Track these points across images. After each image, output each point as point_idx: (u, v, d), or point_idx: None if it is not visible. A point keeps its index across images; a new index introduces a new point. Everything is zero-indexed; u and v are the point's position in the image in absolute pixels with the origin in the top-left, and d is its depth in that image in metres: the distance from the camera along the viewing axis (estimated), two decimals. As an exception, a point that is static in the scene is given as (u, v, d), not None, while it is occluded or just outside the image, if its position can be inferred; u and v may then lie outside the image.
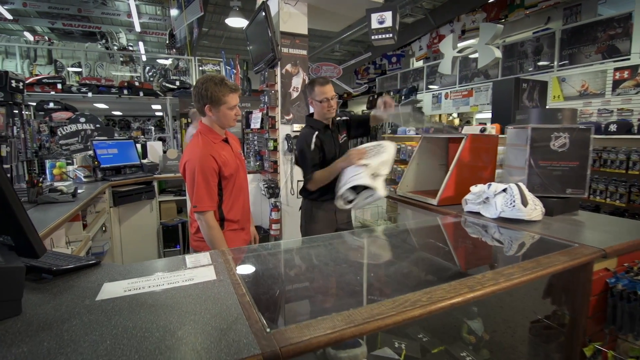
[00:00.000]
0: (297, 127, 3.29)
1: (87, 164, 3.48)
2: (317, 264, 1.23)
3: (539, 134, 1.63)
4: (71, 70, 8.57)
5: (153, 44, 13.07)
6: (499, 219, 1.56)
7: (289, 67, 3.26)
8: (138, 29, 10.54)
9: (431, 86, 9.05)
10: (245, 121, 4.37)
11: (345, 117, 2.30)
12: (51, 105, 6.65)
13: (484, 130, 2.12)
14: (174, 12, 7.99)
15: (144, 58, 10.36)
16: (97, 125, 3.95)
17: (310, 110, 2.22)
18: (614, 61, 5.40)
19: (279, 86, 3.28)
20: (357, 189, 1.88)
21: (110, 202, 3.29)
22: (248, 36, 3.78)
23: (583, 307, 1.23)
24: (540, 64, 6.41)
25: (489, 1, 7.37)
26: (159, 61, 10.52)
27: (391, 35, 3.23)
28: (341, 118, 2.28)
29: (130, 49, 10.85)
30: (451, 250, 1.46)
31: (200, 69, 8.10)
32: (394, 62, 10.95)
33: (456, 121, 9.12)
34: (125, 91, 6.95)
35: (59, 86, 6.60)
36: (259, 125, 3.68)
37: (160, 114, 11.12)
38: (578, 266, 1.14)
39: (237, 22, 6.48)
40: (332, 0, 3.37)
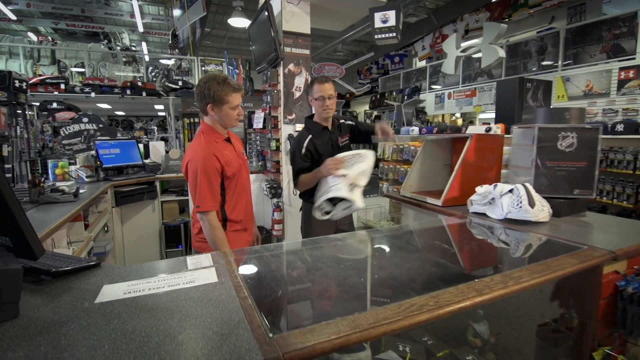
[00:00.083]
0: (299, 127, 3.27)
1: (90, 164, 3.48)
2: (320, 266, 1.20)
3: (546, 134, 1.60)
4: (74, 70, 8.58)
5: (156, 44, 13.12)
6: (505, 220, 1.54)
7: (291, 66, 3.24)
8: (141, 29, 10.58)
9: (434, 86, 9.02)
10: (248, 121, 4.36)
11: (350, 122, 2.27)
12: (54, 105, 6.67)
13: (489, 130, 2.09)
14: (176, 12, 8.00)
15: (146, 58, 10.38)
16: (100, 125, 3.95)
17: (313, 111, 2.21)
18: (619, 61, 5.35)
19: (281, 86, 3.26)
20: (334, 200, 1.86)
21: (112, 202, 3.28)
22: (251, 36, 3.77)
23: (592, 310, 1.20)
24: (545, 63, 6.37)
25: (493, 0, 7.33)
26: (162, 61, 10.52)
27: (394, 35, 3.21)
28: (345, 122, 2.25)
29: (133, 49, 10.88)
30: (457, 252, 1.43)
31: (203, 69, 8.10)
32: (397, 62, 10.92)
33: (459, 121, 9.08)
34: (128, 91, 6.94)
35: (62, 86, 6.60)
36: (261, 125, 3.67)
37: (162, 114, 11.13)
38: (587, 269, 1.11)
39: (239, 22, 6.49)
40: (335, -1, 3.36)
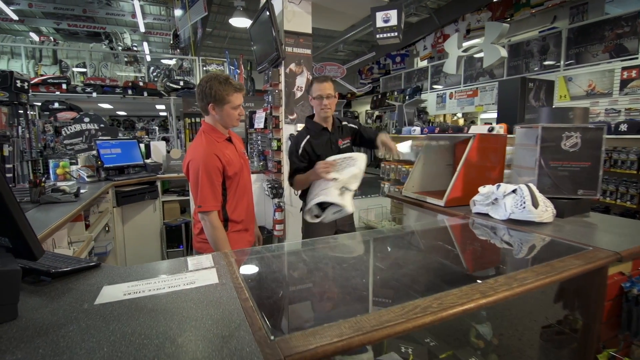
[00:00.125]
0: (300, 126, 3.26)
1: (91, 163, 3.47)
2: (321, 267, 1.19)
3: (550, 134, 1.59)
4: (76, 70, 8.59)
5: (157, 44, 13.13)
6: (509, 220, 1.52)
7: (293, 66, 3.23)
8: (142, 29, 10.59)
9: (435, 86, 8.99)
10: (249, 121, 4.35)
11: (354, 125, 2.25)
12: (56, 105, 6.69)
13: (492, 130, 2.08)
14: (178, 12, 8.00)
15: (148, 58, 10.39)
16: (101, 125, 3.95)
17: (314, 111, 2.20)
18: (622, 60, 5.32)
19: (282, 86, 3.25)
20: (324, 203, 1.86)
21: (113, 202, 3.27)
22: (252, 35, 3.76)
23: (597, 312, 1.19)
24: (547, 63, 6.34)
25: (494, 0, 7.30)
26: (163, 61, 10.53)
27: (396, 34, 3.20)
28: (348, 124, 2.24)
29: (135, 49, 10.90)
30: (460, 253, 1.42)
31: (204, 69, 8.09)
32: (398, 62, 10.90)
33: (460, 121, 9.06)
34: (130, 91, 6.95)
35: (64, 86, 6.61)
36: (262, 125, 3.66)
37: (164, 114, 11.14)
38: (593, 270, 1.10)
39: (241, 22, 6.48)
40: (336, -1, 3.36)
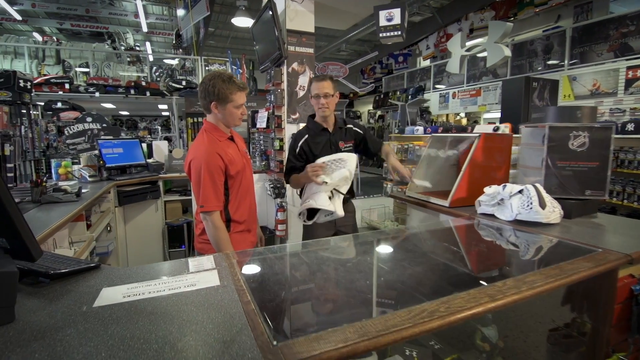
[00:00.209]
0: (302, 126, 3.24)
1: (93, 163, 3.47)
2: (325, 269, 1.17)
3: (557, 133, 1.56)
4: (79, 70, 8.61)
5: (160, 44, 13.15)
6: (515, 221, 1.50)
7: (295, 65, 3.21)
8: (145, 29, 10.59)
9: (438, 85, 8.95)
10: (251, 120, 4.34)
11: (360, 130, 2.22)
12: (59, 105, 6.69)
13: (497, 130, 2.05)
14: (180, 12, 8.00)
15: (150, 58, 10.41)
16: (104, 125, 3.94)
17: None
18: (627, 59, 5.27)
19: (285, 85, 3.23)
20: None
21: (115, 201, 3.26)
22: (254, 35, 3.74)
23: (607, 315, 1.16)
24: (550, 62, 6.29)
25: (498, -1, 7.26)
26: (166, 61, 10.55)
27: (400, 33, 3.18)
28: (353, 127, 2.21)
29: (137, 49, 10.91)
30: (467, 254, 1.39)
31: (207, 68, 8.09)
32: (401, 62, 10.86)
33: (463, 121, 9.02)
34: (132, 91, 6.97)
35: (67, 86, 6.63)
36: (265, 125, 3.64)
37: (166, 113, 11.16)
38: (602, 273, 1.07)
39: (243, 21, 6.46)
40: (339, -3, 3.34)
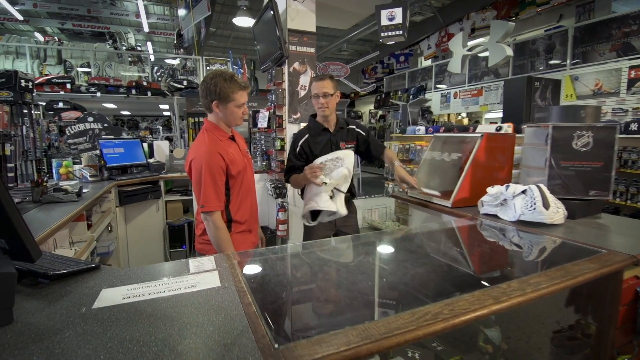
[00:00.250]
0: (304, 126, 3.23)
1: (94, 163, 3.46)
2: (327, 270, 1.16)
3: (561, 133, 1.54)
4: (80, 70, 8.62)
5: (161, 44, 13.16)
6: (518, 222, 1.48)
7: (296, 65, 3.20)
8: (146, 29, 10.60)
9: (439, 85, 8.93)
10: (252, 120, 4.33)
11: (363, 132, 2.21)
12: (60, 104, 6.69)
13: (500, 129, 2.04)
14: (181, 12, 8.00)
15: (152, 58, 10.40)
16: (105, 125, 3.94)
17: None
18: (629, 59, 5.25)
19: (286, 84, 3.22)
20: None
21: (116, 201, 3.26)
22: (255, 34, 3.73)
23: (612, 317, 1.15)
24: (552, 62, 6.27)
25: (500, -1, 7.24)
26: (167, 61, 10.55)
27: (401, 32, 3.17)
28: (356, 128, 2.19)
29: (139, 49, 10.91)
30: (470, 255, 1.38)
31: (208, 68, 8.10)
32: (402, 61, 10.84)
33: (465, 121, 9.00)
34: (134, 91, 6.97)
35: (68, 86, 6.63)
36: (266, 125, 3.62)
37: (167, 113, 11.16)
38: (607, 274, 1.06)
39: (244, 21, 6.45)
40: (340, -3, 3.33)
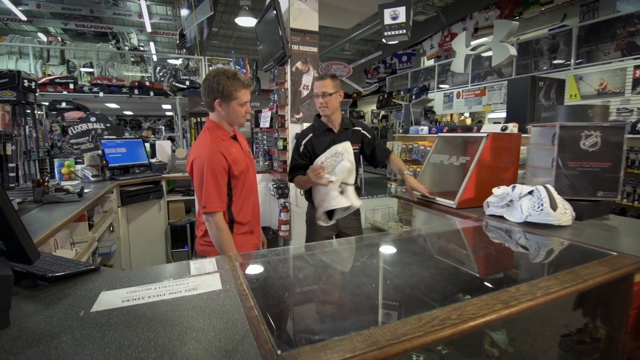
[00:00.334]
0: (306, 126, 3.22)
1: (96, 163, 3.46)
2: (331, 273, 1.14)
3: (568, 133, 1.52)
4: (83, 70, 8.64)
5: (163, 44, 13.17)
6: (525, 223, 1.46)
7: (299, 64, 3.18)
8: (149, 29, 10.61)
9: (442, 85, 8.89)
10: (255, 120, 4.32)
11: (370, 135, 2.19)
12: (63, 104, 6.72)
13: (505, 129, 2.01)
14: (184, 12, 8.00)
15: (154, 58, 10.42)
16: (107, 125, 3.94)
17: None
18: (634, 58, 5.20)
19: (288, 84, 3.20)
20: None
21: (117, 201, 3.25)
22: (258, 34, 3.72)
23: (622, 321, 1.12)
24: (556, 62, 6.22)
25: (503, -2, 7.20)
26: (170, 61, 10.57)
27: (405, 31, 3.14)
28: (362, 130, 2.17)
29: (141, 49, 10.93)
30: (476, 258, 1.36)
31: (210, 68, 8.10)
32: (405, 61, 10.79)
33: (468, 121, 8.95)
34: (136, 91, 6.97)
35: (71, 86, 6.65)
36: (268, 124, 3.61)
37: (170, 113, 11.17)
38: (618, 277, 1.03)
39: (246, 21, 6.45)
40: (343, -4, 3.31)
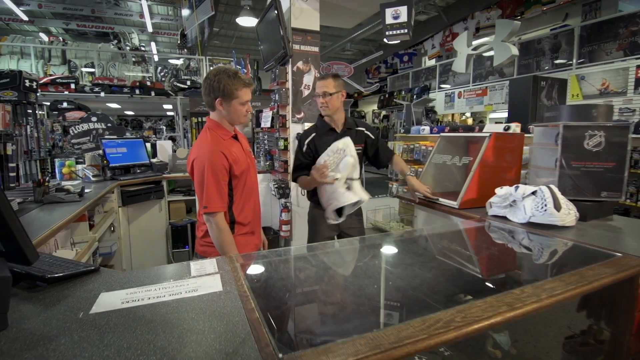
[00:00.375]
0: (308, 125, 3.21)
1: (96, 163, 3.45)
2: (333, 274, 1.13)
3: (572, 132, 1.50)
4: (84, 70, 8.65)
5: (165, 44, 13.19)
6: (528, 224, 1.44)
7: (300, 64, 3.17)
8: (150, 29, 10.62)
9: (444, 85, 8.87)
10: (256, 120, 4.31)
11: (373, 136, 2.17)
12: (64, 104, 6.72)
13: (507, 129, 2.00)
14: (185, 12, 7.99)
15: (155, 58, 10.43)
16: (109, 125, 3.93)
17: None
18: (637, 58, 5.18)
19: (290, 84, 3.19)
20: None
21: (118, 201, 3.24)
22: (259, 34, 3.71)
23: (627, 323, 1.11)
24: (558, 61, 6.20)
25: (505, -3, 7.18)
26: (171, 61, 10.57)
27: (406, 31, 3.13)
28: (365, 131, 2.16)
29: (142, 49, 10.94)
30: (479, 259, 1.34)
31: (211, 68, 8.09)
32: (406, 61, 10.78)
33: (469, 121, 8.94)
34: (137, 91, 6.97)
35: (73, 86, 6.65)
36: (269, 124, 3.61)
37: (171, 113, 11.17)
38: (624, 279, 1.02)
39: (247, 21, 6.45)
40: (344, -5, 3.30)
